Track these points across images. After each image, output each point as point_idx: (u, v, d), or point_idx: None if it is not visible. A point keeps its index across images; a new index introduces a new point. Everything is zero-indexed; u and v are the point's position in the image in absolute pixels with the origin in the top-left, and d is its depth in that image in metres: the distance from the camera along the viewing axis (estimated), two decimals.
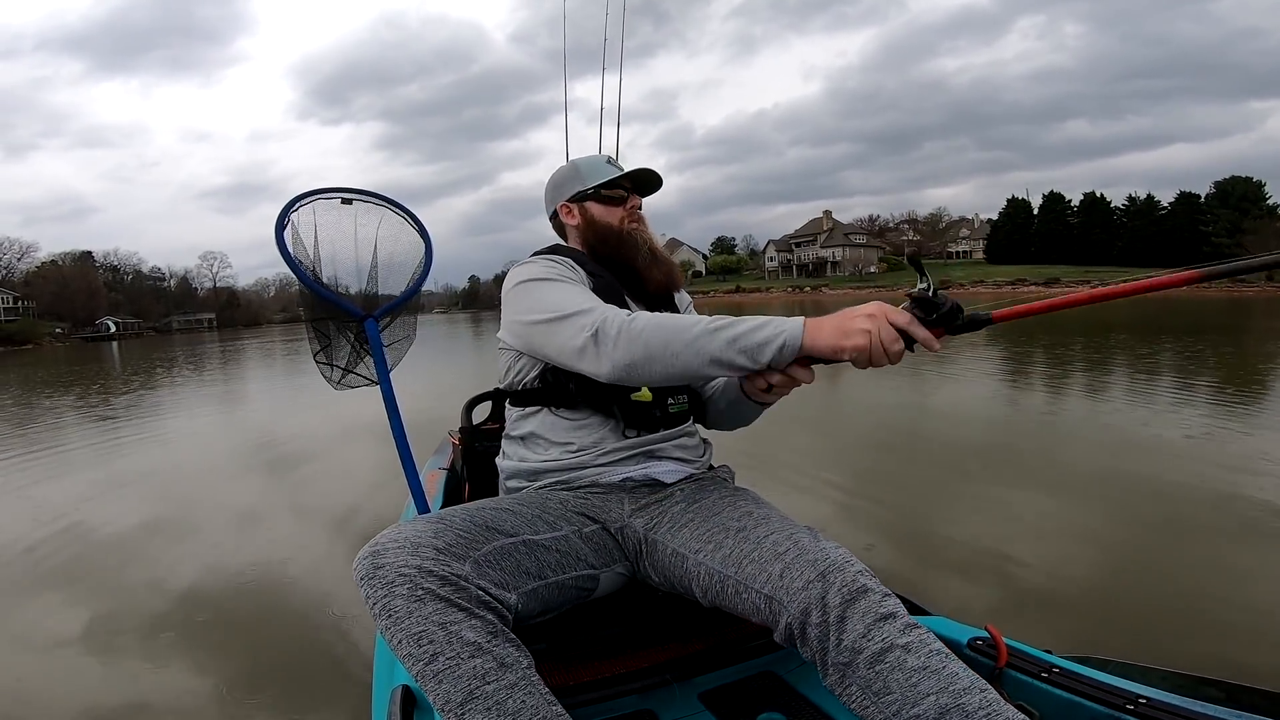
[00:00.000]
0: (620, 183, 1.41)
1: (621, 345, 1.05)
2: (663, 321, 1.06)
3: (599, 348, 1.07)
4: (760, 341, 1.01)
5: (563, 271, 1.26)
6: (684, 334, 1.03)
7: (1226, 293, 35.15)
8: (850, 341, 0.97)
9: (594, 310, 1.11)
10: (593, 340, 1.07)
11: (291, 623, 2.36)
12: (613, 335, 1.06)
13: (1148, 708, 0.90)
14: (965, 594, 2.37)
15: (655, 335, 1.04)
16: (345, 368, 1.67)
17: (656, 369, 1.05)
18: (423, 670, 0.87)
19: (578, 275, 1.29)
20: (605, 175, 1.40)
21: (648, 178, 1.43)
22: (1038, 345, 10.76)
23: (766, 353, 1.01)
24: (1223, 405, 5.53)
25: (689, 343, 1.02)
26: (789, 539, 1.02)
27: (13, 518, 3.85)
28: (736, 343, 1.02)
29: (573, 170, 1.45)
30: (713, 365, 1.03)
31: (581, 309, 1.12)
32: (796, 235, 76.41)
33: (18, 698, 1.98)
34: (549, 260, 1.29)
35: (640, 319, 1.07)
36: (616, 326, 1.06)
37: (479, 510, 1.09)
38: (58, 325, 56.91)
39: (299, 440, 5.88)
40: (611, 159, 1.46)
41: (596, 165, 1.43)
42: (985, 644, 1.08)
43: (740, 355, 1.02)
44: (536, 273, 1.25)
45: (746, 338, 1.01)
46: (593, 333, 1.07)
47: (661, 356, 1.03)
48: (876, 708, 0.86)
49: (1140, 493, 3.42)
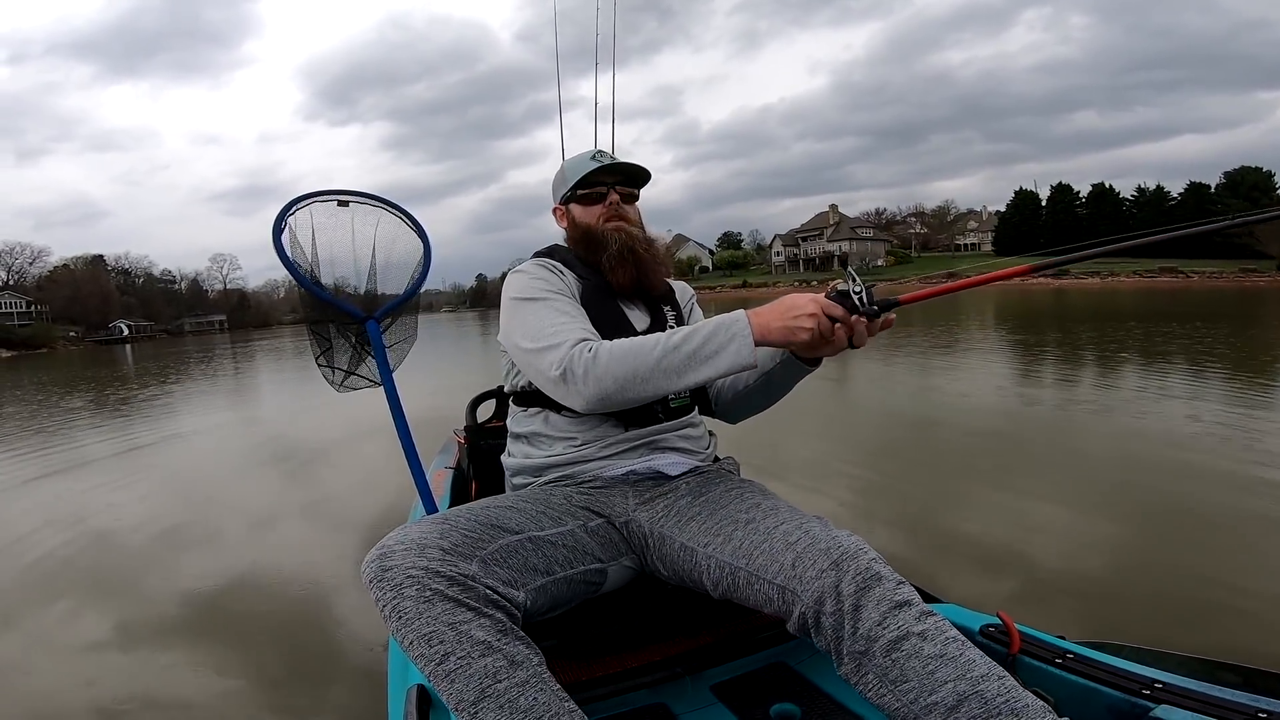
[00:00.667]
0: (598, 179, 1.37)
1: (590, 382, 1.09)
2: (624, 351, 1.09)
3: (568, 386, 1.10)
4: (718, 347, 1.06)
5: (548, 286, 1.26)
6: (646, 358, 1.07)
7: (1237, 282, 34.87)
8: (798, 338, 1.04)
9: (561, 345, 1.13)
10: (562, 379, 1.11)
11: (306, 620, 2.37)
12: (580, 374, 1.09)
13: (1164, 692, 0.90)
14: (975, 580, 2.36)
15: (620, 366, 1.07)
16: (347, 370, 1.68)
17: (630, 396, 1.09)
18: (434, 670, 0.88)
19: (566, 283, 1.29)
20: (581, 173, 1.37)
21: (628, 170, 1.39)
22: (1049, 336, 10.69)
23: (726, 357, 1.05)
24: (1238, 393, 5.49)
25: (654, 366, 1.07)
26: (800, 528, 1.02)
27: (28, 513, 3.90)
28: (697, 355, 1.06)
29: (560, 172, 1.44)
30: (680, 381, 1.07)
31: (553, 343, 1.14)
32: (803, 230, 76.11)
33: (37, 692, 2.00)
34: (539, 269, 1.30)
35: (601, 352, 1.09)
36: (582, 365, 1.09)
37: (484, 509, 1.09)
38: (71, 329, 57.31)
39: (313, 438, 5.89)
40: (601, 152, 1.42)
41: (579, 163, 1.40)
42: (997, 630, 1.08)
43: (705, 366, 1.06)
44: (523, 289, 1.25)
45: (704, 347, 1.06)
46: (561, 371, 1.10)
47: (632, 384, 1.08)
48: (894, 695, 0.85)
49: (1153, 478, 3.40)
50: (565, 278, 1.31)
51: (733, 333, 1.05)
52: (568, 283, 1.30)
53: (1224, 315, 14.74)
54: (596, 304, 1.31)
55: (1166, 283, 39.39)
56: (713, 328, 1.07)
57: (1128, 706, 0.92)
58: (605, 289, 1.33)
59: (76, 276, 64.23)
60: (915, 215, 78.48)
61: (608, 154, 1.41)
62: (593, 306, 1.30)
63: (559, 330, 1.16)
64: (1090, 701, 0.95)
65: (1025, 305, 22.50)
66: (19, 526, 3.70)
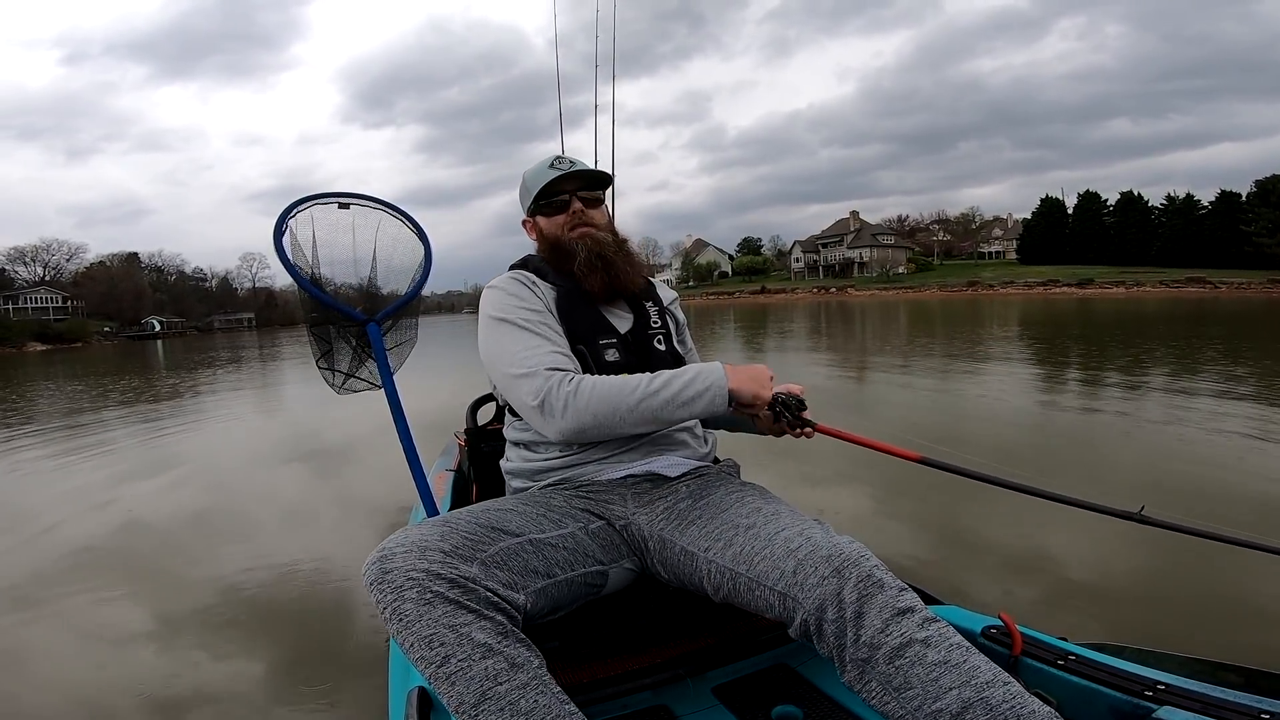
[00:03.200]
0: (558, 187, 1.37)
1: (569, 416, 1.13)
2: (605, 389, 1.13)
3: (545, 417, 1.14)
4: (693, 395, 1.13)
5: (520, 303, 1.27)
6: (626, 399, 1.12)
7: (1265, 293, 34.13)
8: (763, 398, 1.16)
9: (536, 374, 1.16)
10: (539, 410, 1.14)
11: (321, 618, 2.39)
12: (559, 408, 1.13)
13: (1166, 693, 0.90)
14: (978, 580, 2.35)
15: (599, 404, 1.12)
16: (348, 372, 1.68)
17: (605, 433, 1.15)
18: (435, 673, 0.88)
19: (540, 295, 1.30)
20: (541, 183, 1.37)
21: (587, 175, 1.38)
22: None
23: (699, 404, 1.13)
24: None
25: (632, 407, 1.12)
26: (801, 534, 1.01)
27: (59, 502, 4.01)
28: (675, 399, 1.13)
29: (523, 185, 1.43)
30: (656, 424, 1.15)
31: (527, 371, 1.17)
32: (823, 236, 75.73)
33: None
34: (512, 284, 1.31)
35: (582, 388, 1.13)
36: (561, 398, 1.13)
37: (484, 511, 1.10)
38: (106, 324, 58.72)
39: (336, 433, 5.97)
40: (559, 159, 1.40)
41: (539, 173, 1.39)
42: (999, 632, 1.08)
43: (680, 409, 1.13)
44: (498, 308, 1.27)
45: (682, 393, 1.13)
46: (539, 402, 1.14)
47: (609, 422, 1.13)
48: (898, 703, 0.85)
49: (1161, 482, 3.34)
50: (539, 289, 1.32)
51: (710, 382, 1.14)
52: (541, 294, 1.31)
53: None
54: (574, 311, 1.31)
55: (1194, 292, 38.66)
56: (691, 375, 1.14)
57: (1130, 708, 0.92)
58: (581, 294, 1.34)
59: (112, 273, 65.80)
60: (938, 222, 77.76)
61: (566, 160, 1.40)
62: (571, 314, 1.30)
63: (530, 356, 1.19)
64: (1092, 703, 0.95)
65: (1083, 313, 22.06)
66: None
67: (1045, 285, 49.57)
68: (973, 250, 71.67)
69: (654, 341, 1.35)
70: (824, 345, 13.97)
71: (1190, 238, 52.30)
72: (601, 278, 1.33)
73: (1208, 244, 50.65)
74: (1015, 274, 56.07)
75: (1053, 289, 47.70)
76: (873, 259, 68.18)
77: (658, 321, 1.38)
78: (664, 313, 1.42)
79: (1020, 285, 51.27)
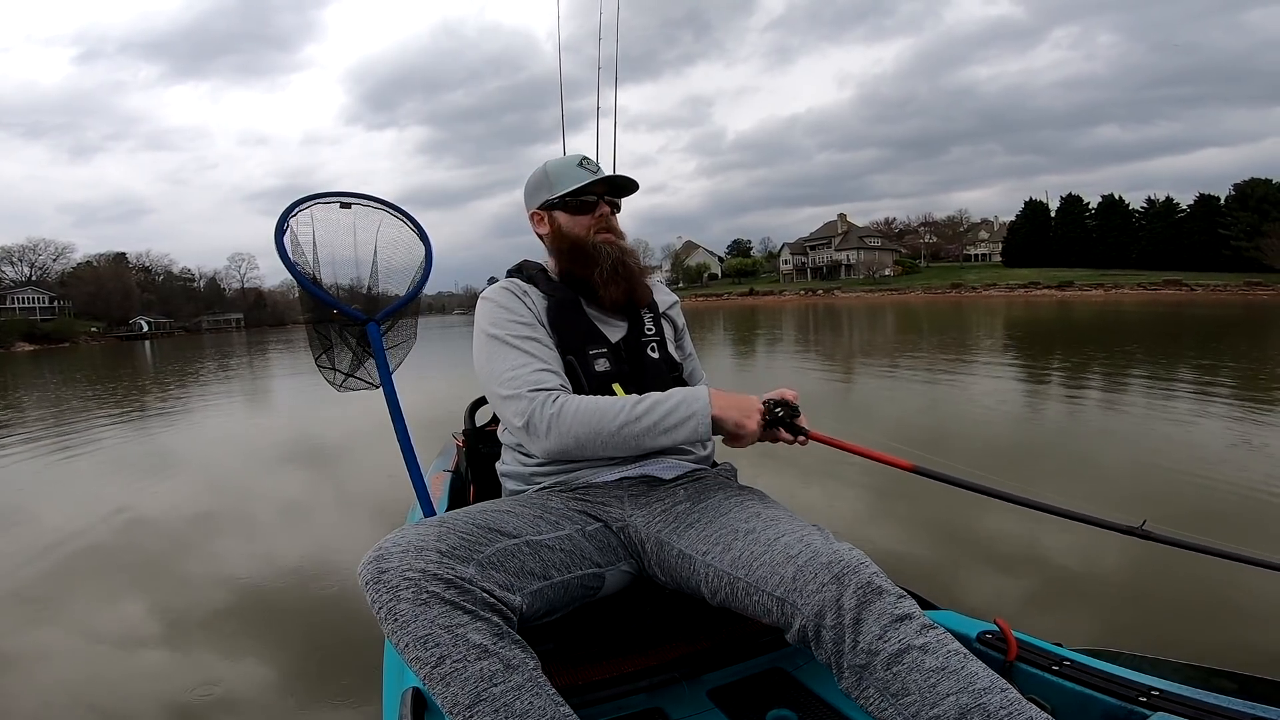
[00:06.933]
0: (590, 189, 1.36)
1: (553, 437, 1.15)
2: (589, 412, 1.15)
3: (531, 437, 1.17)
4: (675, 423, 1.14)
5: (511, 317, 1.27)
6: (609, 423, 1.14)
7: (1241, 295, 34.63)
8: (748, 428, 1.16)
9: (522, 395, 1.18)
10: (525, 429, 1.17)
11: (315, 617, 2.39)
12: (543, 429, 1.15)
13: (1161, 699, 0.90)
14: (972, 584, 2.36)
15: (582, 428, 1.14)
16: (347, 371, 1.68)
17: (588, 454, 1.17)
18: (430, 674, 0.87)
19: (532, 306, 1.30)
20: (573, 182, 1.35)
21: (619, 182, 1.39)
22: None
23: (681, 432, 1.14)
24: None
25: (615, 431, 1.14)
26: (800, 540, 1.00)
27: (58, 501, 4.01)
28: (657, 426, 1.14)
29: (543, 175, 1.41)
30: (637, 448, 1.16)
31: (514, 392, 1.18)
32: (811, 238, 75.97)
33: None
34: (506, 296, 1.31)
35: (566, 410, 1.15)
36: (545, 420, 1.15)
37: (481, 512, 1.09)
38: (93, 324, 57.70)
39: (329, 434, 5.96)
40: (586, 159, 1.40)
41: (566, 170, 1.37)
42: (995, 637, 1.08)
43: (662, 436, 1.15)
44: (489, 323, 1.28)
45: (665, 420, 1.14)
46: (524, 422, 1.16)
47: (591, 444, 1.15)
48: (895, 709, 0.84)
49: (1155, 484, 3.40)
50: (529, 298, 1.31)
51: (693, 410, 1.14)
52: (532, 304, 1.31)
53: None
54: (564, 320, 1.31)
55: (1171, 295, 39.13)
56: (675, 403, 1.15)
57: (1124, 713, 0.92)
58: (572, 302, 1.33)
59: (100, 273, 64.69)
60: (926, 225, 78.22)
61: (594, 163, 1.40)
62: (561, 323, 1.30)
63: (516, 376, 1.20)
64: (1087, 708, 0.95)
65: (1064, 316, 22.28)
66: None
67: (1026, 288, 50.10)
68: (959, 253, 72.22)
69: (647, 349, 1.34)
70: (812, 348, 14.03)
71: (1170, 241, 53.04)
72: (623, 287, 1.33)
73: (1187, 247, 51.33)
74: (998, 277, 56.62)
75: (1033, 291, 48.18)
76: (860, 261, 68.52)
77: (652, 328, 1.38)
78: (659, 319, 1.41)
79: (1002, 288, 51.78)
